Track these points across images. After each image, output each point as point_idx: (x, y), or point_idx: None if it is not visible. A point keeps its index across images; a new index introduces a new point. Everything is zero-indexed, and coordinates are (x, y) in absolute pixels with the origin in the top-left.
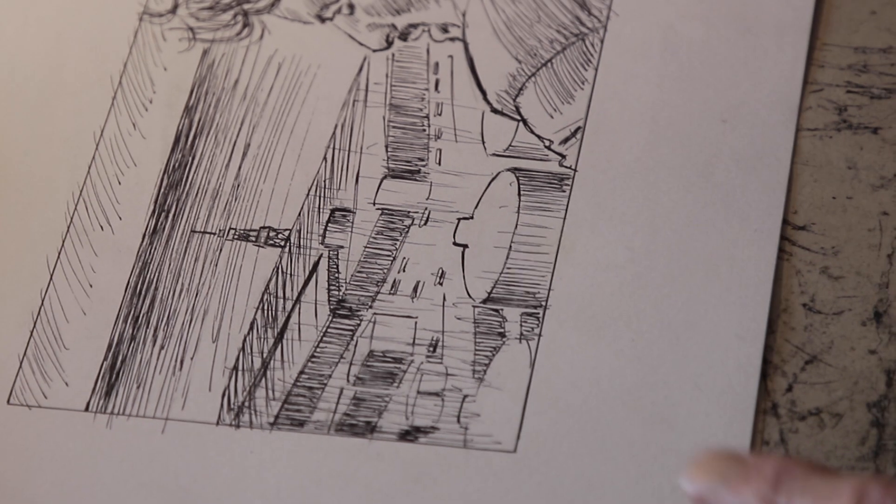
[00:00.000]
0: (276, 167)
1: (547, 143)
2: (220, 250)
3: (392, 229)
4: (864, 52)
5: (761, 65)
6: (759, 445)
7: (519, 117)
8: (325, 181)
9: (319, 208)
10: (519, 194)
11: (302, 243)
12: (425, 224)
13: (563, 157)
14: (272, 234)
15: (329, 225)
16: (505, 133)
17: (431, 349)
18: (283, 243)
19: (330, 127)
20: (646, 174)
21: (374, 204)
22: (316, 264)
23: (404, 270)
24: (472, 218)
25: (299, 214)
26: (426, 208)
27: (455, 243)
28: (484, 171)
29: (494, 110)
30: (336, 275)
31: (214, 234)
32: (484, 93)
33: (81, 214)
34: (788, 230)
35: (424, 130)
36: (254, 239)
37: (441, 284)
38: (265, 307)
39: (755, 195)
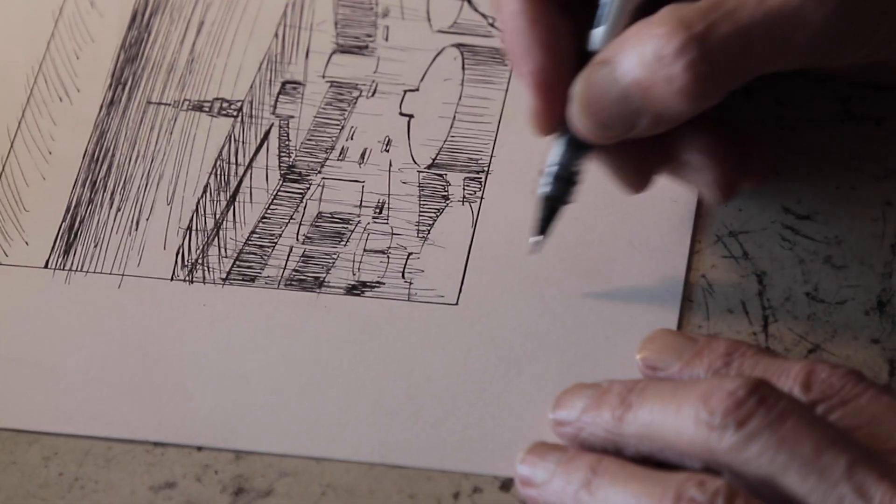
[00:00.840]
0: (230, 43)
1: (490, 20)
2: (175, 120)
3: (341, 100)
4: None
5: None
6: None
7: None
8: (276, 55)
9: (271, 81)
10: (463, 68)
11: (254, 113)
12: (373, 96)
13: None
14: (225, 104)
15: (280, 96)
16: (450, 11)
17: (377, 211)
18: (235, 113)
19: (281, 5)
20: None
21: (323, 77)
22: (267, 132)
23: (352, 138)
24: (417, 90)
25: (251, 87)
26: (374, 81)
27: (401, 113)
28: (429, 47)
29: None
30: (287, 142)
31: (169, 104)
32: None
33: (41, 87)
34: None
35: (372, 8)
36: (207, 109)
37: (387, 151)
38: (218, 172)
39: None
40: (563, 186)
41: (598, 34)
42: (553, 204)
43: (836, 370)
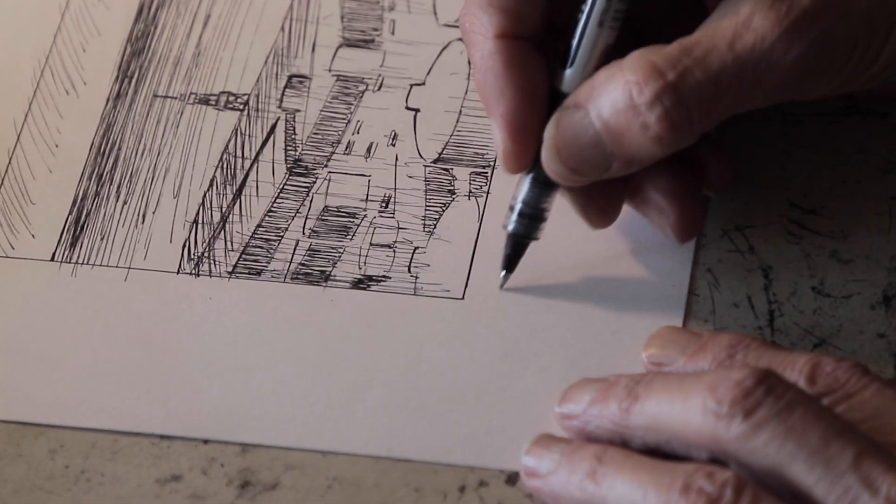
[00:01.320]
0: (236, 36)
1: None
2: (182, 113)
3: (347, 94)
4: None
5: None
6: None
7: None
8: (282, 49)
9: (277, 75)
10: (469, 62)
11: (260, 107)
12: (379, 90)
13: None
14: (231, 98)
15: (286, 90)
16: (456, 5)
17: (384, 205)
18: (241, 107)
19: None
20: None
21: (329, 71)
22: (273, 126)
23: (358, 132)
24: (423, 84)
25: (257, 80)
26: (380, 75)
27: (407, 107)
28: (436, 41)
29: None
30: (293, 136)
31: (176, 98)
32: None
33: (48, 80)
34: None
35: (378, 2)
36: (213, 103)
37: (394, 146)
38: (224, 166)
39: None
40: (530, 223)
41: (568, 75)
42: (520, 240)
43: (842, 363)
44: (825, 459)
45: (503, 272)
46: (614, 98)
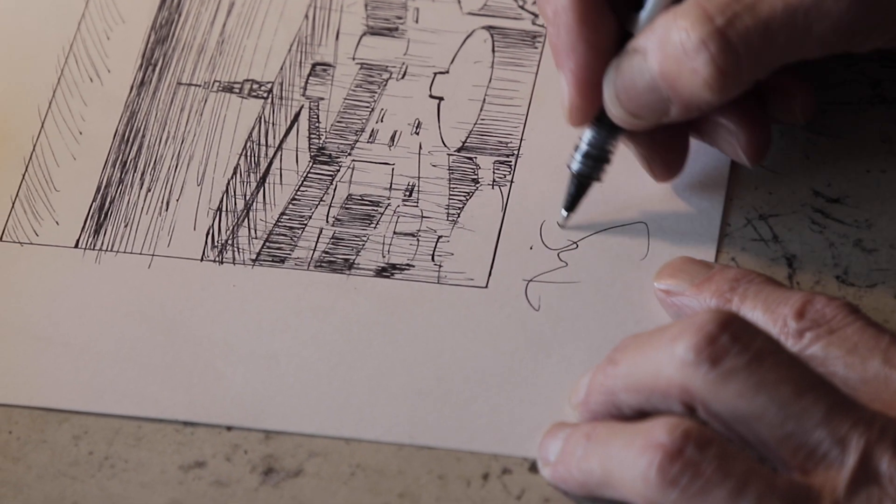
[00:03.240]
0: (260, 24)
1: (521, 3)
2: (206, 101)
3: (371, 82)
4: None
5: None
6: None
7: None
8: (306, 37)
9: (301, 63)
10: (493, 50)
11: (284, 95)
12: (402, 78)
13: (536, 16)
14: (255, 86)
15: (310, 78)
16: None
17: (407, 193)
18: (265, 95)
19: None
20: None
21: (353, 59)
22: (297, 114)
23: (382, 121)
24: (447, 72)
25: (281, 68)
26: (404, 63)
27: (431, 96)
28: (459, 29)
29: None
30: (317, 124)
31: (200, 86)
32: None
33: (72, 67)
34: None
35: None
36: (237, 91)
37: (417, 134)
38: (248, 154)
39: None
40: (594, 164)
41: (639, 18)
42: (583, 181)
43: (832, 301)
44: (797, 413)
45: (564, 212)
46: (667, 42)
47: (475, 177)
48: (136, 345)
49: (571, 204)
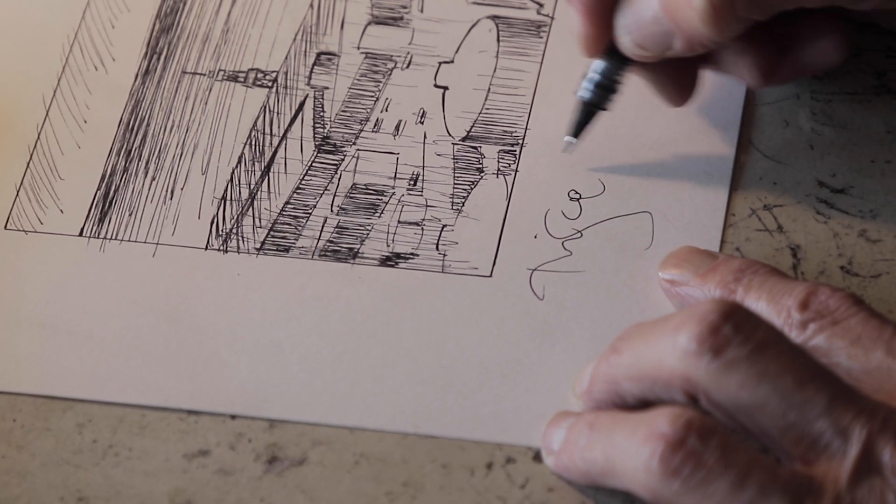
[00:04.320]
0: (265, 13)
1: None
2: (210, 90)
3: (375, 72)
4: None
5: None
6: None
7: None
8: (311, 27)
9: (305, 52)
10: (498, 40)
11: (288, 84)
12: (407, 67)
13: (541, 5)
14: (260, 75)
15: (315, 67)
16: None
17: (412, 182)
18: (270, 84)
19: None
20: None
21: (358, 48)
22: (302, 103)
23: (387, 110)
24: (452, 62)
25: (286, 57)
26: (408, 52)
27: (436, 85)
28: (464, 19)
29: None
30: (321, 113)
31: (204, 74)
32: None
33: (76, 55)
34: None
35: None
36: (242, 80)
37: (422, 123)
38: (253, 143)
39: None
40: (603, 93)
41: None
42: (590, 108)
43: (836, 293)
44: (799, 403)
45: (569, 138)
46: None
47: (480, 166)
48: (141, 333)
49: (577, 131)
